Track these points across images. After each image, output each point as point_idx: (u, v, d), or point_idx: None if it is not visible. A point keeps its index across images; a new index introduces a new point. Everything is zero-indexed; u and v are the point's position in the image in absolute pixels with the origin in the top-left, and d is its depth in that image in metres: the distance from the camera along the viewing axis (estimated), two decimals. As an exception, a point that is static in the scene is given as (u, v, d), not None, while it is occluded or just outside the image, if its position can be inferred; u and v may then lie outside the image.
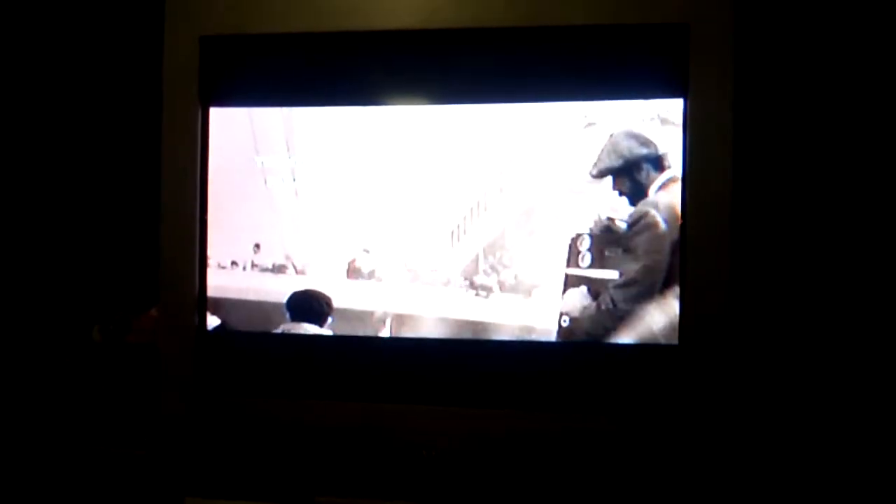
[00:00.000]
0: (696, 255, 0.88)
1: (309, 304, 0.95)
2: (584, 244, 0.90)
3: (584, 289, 0.90)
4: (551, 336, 0.92)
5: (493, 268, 0.92)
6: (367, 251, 0.95)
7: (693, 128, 0.89)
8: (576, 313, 0.90)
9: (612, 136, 0.90)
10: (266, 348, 0.98)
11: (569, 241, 0.91)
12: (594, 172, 0.90)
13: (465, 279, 0.93)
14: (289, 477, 0.95)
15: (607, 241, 0.90)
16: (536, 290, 0.91)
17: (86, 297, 1.18)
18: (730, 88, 0.88)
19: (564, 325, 0.91)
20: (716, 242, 0.88)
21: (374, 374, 0.95)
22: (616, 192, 0.90)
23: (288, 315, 0.96)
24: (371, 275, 0.95)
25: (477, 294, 0.93)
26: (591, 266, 0.90)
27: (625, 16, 0.90)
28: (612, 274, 0.90)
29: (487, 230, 0.93)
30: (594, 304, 0.90)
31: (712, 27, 0.88)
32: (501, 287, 0.92)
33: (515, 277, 0.92)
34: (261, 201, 0.97)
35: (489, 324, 0.93)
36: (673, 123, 0.89)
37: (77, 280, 1.20)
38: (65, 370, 1.10)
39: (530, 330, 0.92)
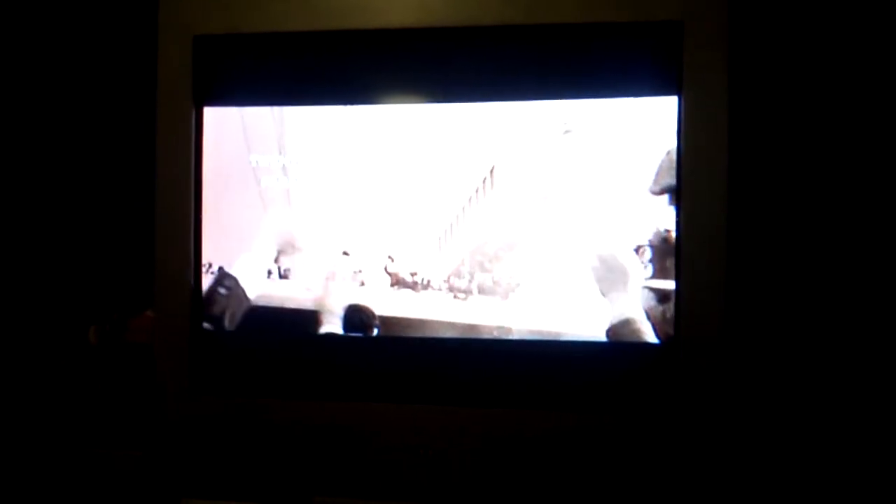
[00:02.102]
0: (691, 253, 0.88)
1: (359, 318, 0.95)
2: (647, 255, 0.91)
3: (646, 294, 0.91)
4: (539, 336, 0.92)
5: (474, 271, 0.93)
6: (348, 254, 0.95)
7: (687, 126, 0.89)
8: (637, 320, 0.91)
9: (668, 153, 0.90)
10: (262, 349, 0.97)
11: (632, 251, 0.91)
12: (655, 189, 0.90)
13: (446, 282, 0.93)
14: (286, 477, 0.95)
15: (666, 252, 0.90)
16: (513, 294, 0.92)
17: (81, 299, 1.18)
18: (724, 86, 0.88)
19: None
20: (711, 240, 0.88)
21: (369, 373, 0.95)
22: (673, 207, 0.90)
23: (341, 328, 0.96)
24: (354, 278, 0.95)
25: (455, 297, 0.93)
26: (653, 277, 0.91)
27: (619, 13, 0.90)
28: (668, 284, 0.91)
29: (476, 232, 0.93)
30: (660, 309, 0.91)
31: (706, 24, 0.88)
32: (481, 290, 0.93)
33: (493, 280, 0.93)
34: (251, 202, 0.97)
35: (472, 325, 0.94)
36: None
37: (72, 281, 1.19)
38: (61, 371, 1.10)
39: (508, 331, 0.93)
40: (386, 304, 0.95)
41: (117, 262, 1.18)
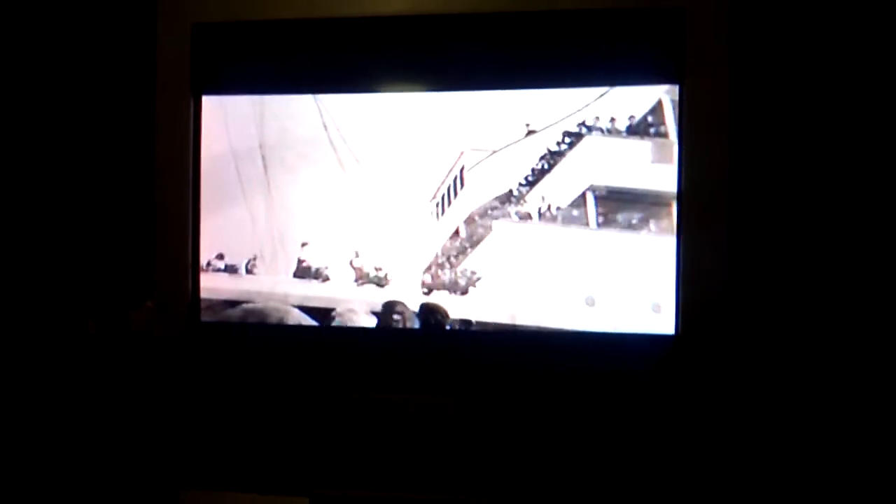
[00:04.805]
0: (691, 243, 0.88)
1: (434, 316, 0.96)
2: None
3: None
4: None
5: (441, 265, 0.94)
6: (307, 244, 0.96)
7: (689, 113, 0.88)
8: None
9: None
10: (262, 340, 0.98)
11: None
12: None
13: (410, 277, 0.94)
14: (287, 469, 0.95)
15: None
16: (473, 288, 0.93)
17: (81, 290, 1.18)
18: (726, 73, 0.87)
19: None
20: (712, 230, 0.87)
21: (367, 364, 0.96)
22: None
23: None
24: (318, 273, 0.96)
25: (427, 293, 0.94)
26: None
27: (620, 0, 0.89)
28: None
29: (443, 229, 0.94)
30: None
31: (708, 11, 0.87)
32: (444, 284, 0.94)
33: (456, 275, 0.93)
34: (232, 193, 0.97)
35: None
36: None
37: (72, 272, 1.20)
38: (60, 362, 1.10)
39: (469, 324, 0.94)
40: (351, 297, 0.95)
41: (117, 253, 1.18)
